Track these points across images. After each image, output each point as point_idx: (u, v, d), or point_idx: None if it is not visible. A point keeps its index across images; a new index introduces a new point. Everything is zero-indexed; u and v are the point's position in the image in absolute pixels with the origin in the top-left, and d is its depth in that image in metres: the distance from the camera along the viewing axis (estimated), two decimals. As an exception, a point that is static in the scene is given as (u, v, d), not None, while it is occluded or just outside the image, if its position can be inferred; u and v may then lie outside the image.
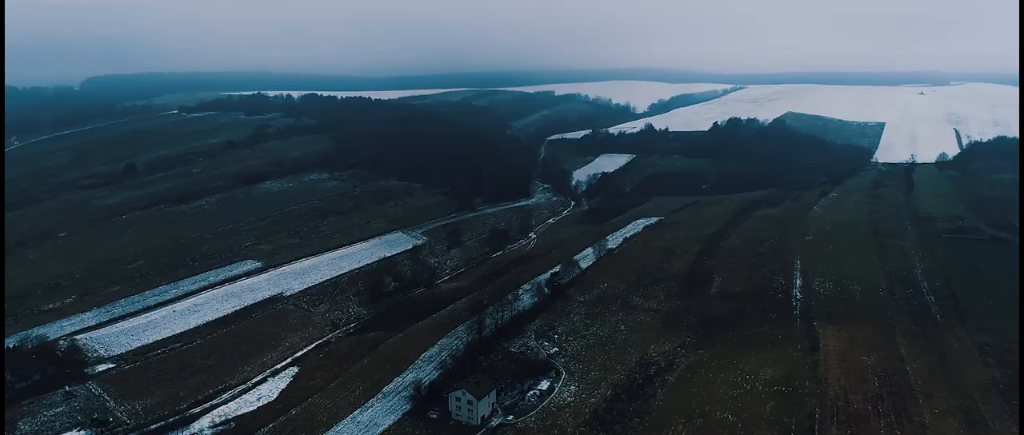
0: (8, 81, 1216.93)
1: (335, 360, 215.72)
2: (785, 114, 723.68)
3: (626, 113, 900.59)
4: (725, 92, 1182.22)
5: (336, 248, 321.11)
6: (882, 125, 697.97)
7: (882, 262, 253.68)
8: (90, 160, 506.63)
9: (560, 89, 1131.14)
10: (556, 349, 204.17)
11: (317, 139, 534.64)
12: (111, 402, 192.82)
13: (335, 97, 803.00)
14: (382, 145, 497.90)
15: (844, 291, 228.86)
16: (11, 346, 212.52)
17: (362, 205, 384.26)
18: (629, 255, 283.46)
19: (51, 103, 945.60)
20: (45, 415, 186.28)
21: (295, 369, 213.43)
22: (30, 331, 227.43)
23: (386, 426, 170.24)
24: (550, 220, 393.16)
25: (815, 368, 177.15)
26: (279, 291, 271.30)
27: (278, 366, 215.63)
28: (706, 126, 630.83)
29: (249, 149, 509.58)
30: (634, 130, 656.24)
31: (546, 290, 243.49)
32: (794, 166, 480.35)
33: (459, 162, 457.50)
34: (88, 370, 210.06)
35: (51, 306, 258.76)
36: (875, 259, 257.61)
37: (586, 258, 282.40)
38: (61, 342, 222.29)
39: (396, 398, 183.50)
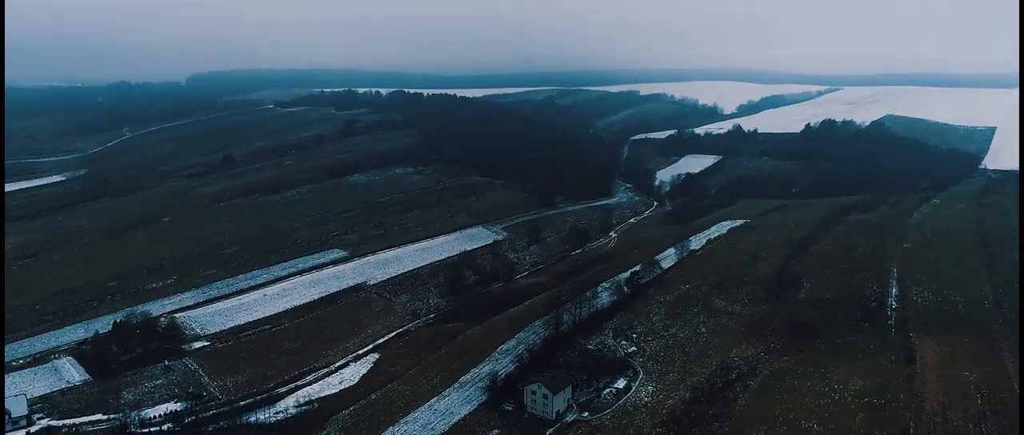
0: (122, 77, 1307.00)
1: (414, 349, 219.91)
2: (884, 117, 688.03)
3: (713, 114, 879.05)
4: (818, 94, 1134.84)
5: (418, 240, 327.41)
6: (992, 130, 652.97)
7: (989, 273, 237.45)
8: (192, 151, 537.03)
9: (645, 89, 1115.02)
10: (634, 348, 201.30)
11: (403, 134, 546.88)
12: (205, 377, 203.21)
13: (421, 94, 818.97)
14: (466, 141, 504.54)
15: (945, 302, 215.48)
16: (118, 320, 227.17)
17: (445, 199, 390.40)
18: (713, 257, 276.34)
19: (159, 97, 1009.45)
20: (146, 386, 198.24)
21: (376, 355, 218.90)
22: (135, 307, 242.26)
23: (462, 415, 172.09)
24: (631, 220, 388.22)
25: (911, 381, 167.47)
26: (363, 280, 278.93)
27: (360, 352, 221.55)
28: (798, 128, 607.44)
29: (338, 143, 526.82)
30: (721, 131, 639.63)
31: (626, 289, 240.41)
32: (893, 171, 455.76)
33: (541, 160, 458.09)
34: (185, 346, 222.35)
35: (154, 285, 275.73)
36: (981, 269, 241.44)
37: (667, 258, 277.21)
38: (162, 319, 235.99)
39: (472, 388, 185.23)
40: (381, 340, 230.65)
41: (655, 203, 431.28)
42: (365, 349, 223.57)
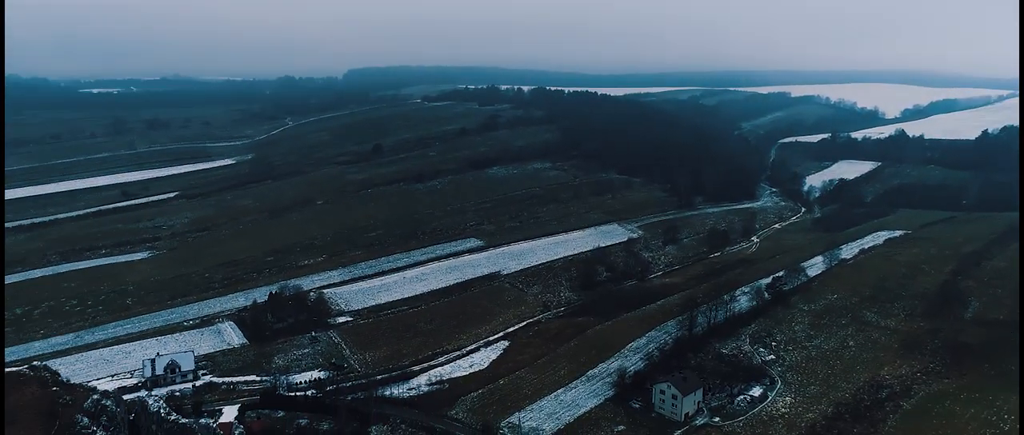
0: (287, 72, 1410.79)
1: (544, 339, 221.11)
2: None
3: (873, 118, 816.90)
4: (999, 99, 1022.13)
5: (553, 234, 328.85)
6: None
7: None
8: (345, 140, 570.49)
9: (797, 91, 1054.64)
10: (772, 356, 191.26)
11: (543, 130, 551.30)
12: (346, 350, 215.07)
13: (563, 91, 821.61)
14: (605, 139, 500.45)
15: None
16: (273, 292, 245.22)
17: (581, 195, 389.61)
18: (865, 267, 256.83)
19: (319, 91, 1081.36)
20: (294, 354, 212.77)
21: (506, 343, 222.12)
22: (288, 281, 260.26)
23: (588, 408, 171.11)
24: (775, 225, 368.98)
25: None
26: (497, 269, 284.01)
27: (491, 338, 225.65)
28: (972, 134, 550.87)
29: (480, 137, 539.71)
30: (881, 136, 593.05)
31: (766, 295, 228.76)
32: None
33: (681, 159, 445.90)
34: (331, 320, 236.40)
35: (306, 262, 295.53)
36: None
37: (814, 266, 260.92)
38: (311, 294, 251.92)
39: (600, 383, 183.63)
40: (511, 328, 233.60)
41: (802, 209, 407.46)
42: (495, 336, 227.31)
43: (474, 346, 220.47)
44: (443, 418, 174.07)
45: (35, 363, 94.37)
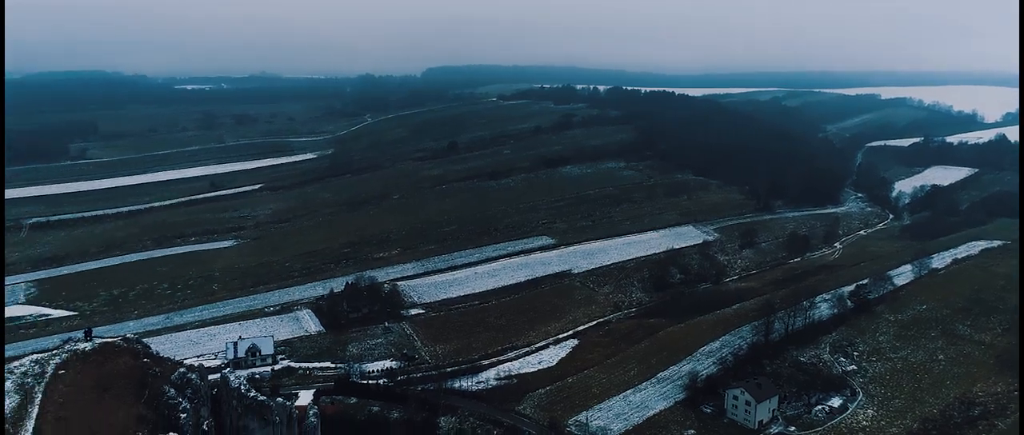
0: (368, 70, 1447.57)
1: (614, 339, 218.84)
2: None
3: (970, 122, 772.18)
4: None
5: (625, 234, 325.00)
6: None
7: None
8: (422, 137, 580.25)
9: (887, 92, 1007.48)
10: (854, 367, 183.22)
11: (618, 130, 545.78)
12: (418, 342, 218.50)
13: (639, 91, 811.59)
14: (681, 139, 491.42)
15: None
16: (350, 282, 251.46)
17: (655, 196, 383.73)
18: (959, 278, 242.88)
19: (397, 88, 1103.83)
20: (368, 343, 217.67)
21: (575, 342, 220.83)
22: (364, 273, 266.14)
23: (657, 410, 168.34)
24: (861, 231, 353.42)
25: None
26: (568, 268, 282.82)
27: (560, 336, 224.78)
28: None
29: (554, 135, 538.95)
30: (979, 141, 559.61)
31: (849, 303, 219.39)
32: None
33: (761, 161, 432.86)
34: (403, 312, 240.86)
35: (382, 255, 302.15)
36: None
37: (902, 275, 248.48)
38: (386, 285, 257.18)
39: (670, 385, 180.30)
40: (581, 327, 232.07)
41: (890, 216, 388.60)
42: (565, 334, 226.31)
43: (543, 343, 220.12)
44: (511, 413, 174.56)
45: (128, 335, 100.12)
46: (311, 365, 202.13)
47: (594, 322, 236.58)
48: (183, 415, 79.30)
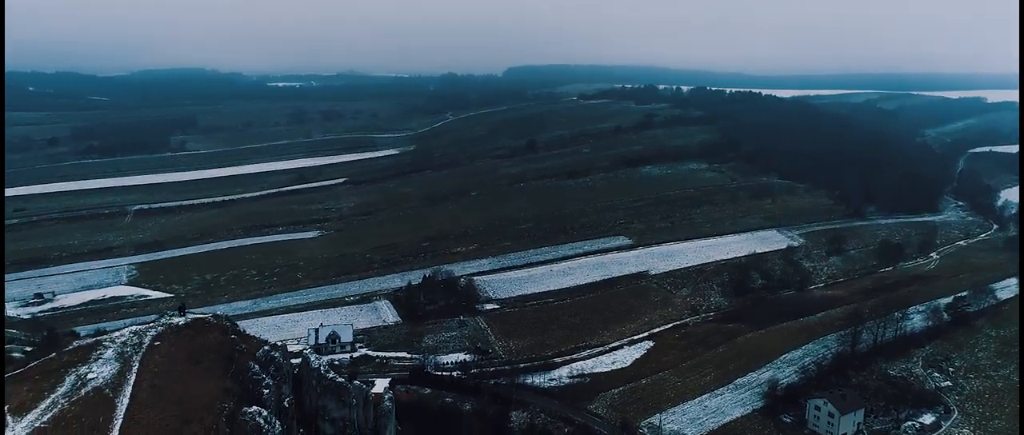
0: (450, 69, 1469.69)
1: (690, 343, 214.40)
2: None
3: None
4: None
5: (705, 237, 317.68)
6: None
7: None
8: (501, 135, 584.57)
9: (994, 96, 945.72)
10: (949, 383, 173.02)
11: (700, 130, 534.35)
12: (491, 336, 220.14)
13: (724, 91, 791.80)
14: (766, 141, 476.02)
15: None
16: (427, 275, 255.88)
17: (738, 198, 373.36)
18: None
19: (479, 87, 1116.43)
20: (443, 336, 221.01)
21: (650, 343, 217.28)
22: (441, 267, 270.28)
23: (733, 417, 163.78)
24: (960, 242, 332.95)
25: None
26: (645, 269, 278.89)
27: (635, 337, 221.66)
28: None
29: (634, 135, 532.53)
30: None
31: (945, 315, 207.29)
32: None
33: (852, 165, 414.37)
34: (478, 306, 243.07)
35: (459, 249, 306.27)
36: None
37: (1006, 289, 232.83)
38: (462, 280, 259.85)
39: (748, 392, 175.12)
40: (656, 329, 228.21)
41: (993, 226, 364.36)
42: (640, 335, 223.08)
43: (617, 343, 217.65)
44: (582, 411, 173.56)
45: (217, 312, 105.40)
46: (388, 354, 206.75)
47: (670, 325, 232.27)
48: (266, 391, 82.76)
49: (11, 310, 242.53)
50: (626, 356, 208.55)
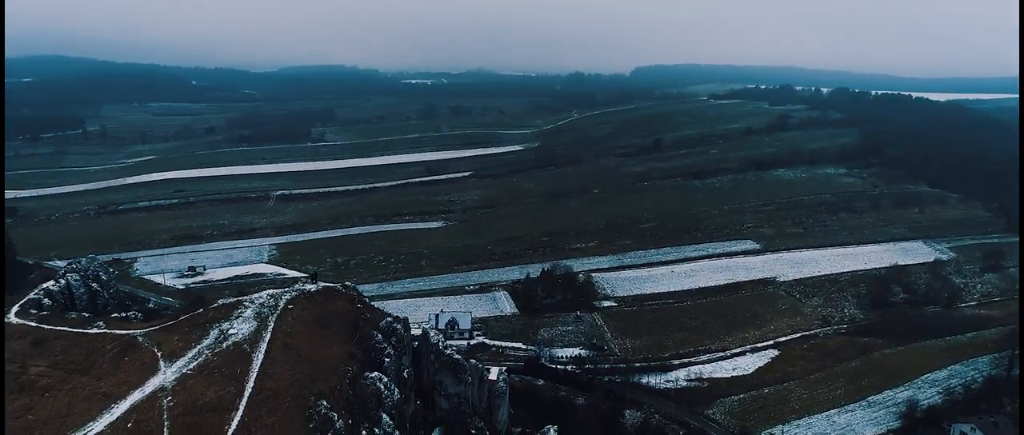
0: (578, 68, 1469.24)
1: (819, 355, 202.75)
2: None
3: None
4: None
5: (841, 246, 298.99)
6: None
7: None
8: (627, 134, 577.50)
9: None
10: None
11: (840, 133, 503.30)
12: (607, 334, 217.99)
13: (868, 93, 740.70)
14: (915, 146, 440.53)
15: None
16: (545, 269, 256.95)
17: (880, 206, 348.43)
18: None
19: (606, 86, 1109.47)
20: (559, 329, 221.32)
21: (775, 352, 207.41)
22: (560, 261, 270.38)
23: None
24: None
25: None
26: (772, 275, 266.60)
27: (758, 345, 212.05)
28: None
29: (767, 136, 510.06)
30: None
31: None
32: None
33: (1013, 176, 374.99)
34: (596, 303, 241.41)
35: (578, 246, 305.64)
36: None
37: None
38: (580, 275, 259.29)
39: (883, 411, 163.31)
40: (783, 338, 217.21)
41: None
42: (764, 343, 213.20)
43: (739, 350, 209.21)
44: (699, 415, 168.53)
45: (347, 283, 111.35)
46: (504, 344, 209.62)
47: (798, 334, 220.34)
48: (387, 359, 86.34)
49: (168, 280, 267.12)
50: (748, 363, 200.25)
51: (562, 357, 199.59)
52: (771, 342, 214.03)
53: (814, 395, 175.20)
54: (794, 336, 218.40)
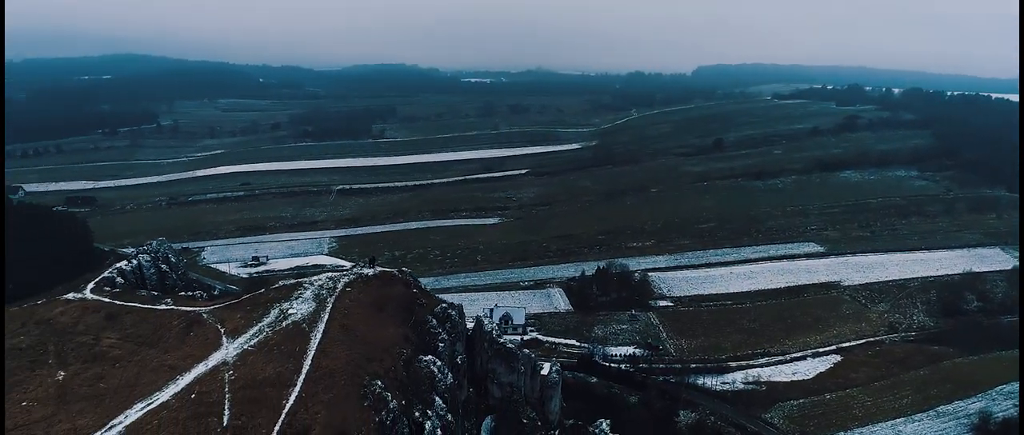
0: (638, 67, 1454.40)
1: (885, 362, 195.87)
2: None
3: None
4: None
5: (911, 250, 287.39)
6: None
7: None
8: (686, 133, 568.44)
9: None
10: None
11: (912, 135, 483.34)
12: (663, 333, 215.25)
13: (944, 94, 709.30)
14: (994, 149, 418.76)
15: None
16: (601, 266, 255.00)
17: (954, 211, 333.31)
18: None
19: (666, 86, 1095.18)
20: (613, 327, 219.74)
21: (837, 358, 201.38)
22: (615, 259, 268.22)
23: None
24: None
25: None
26: (837, 279, 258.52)
27: (820, 350, 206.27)
28: None
29: (834, 137, 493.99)
30: None
31: None
32: None
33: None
34: (651, 302, 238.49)
35: (635, 244, 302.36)
36: None
37: None
38: (636, 274, 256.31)
39: (953, 422, 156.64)
40: (846, 344, 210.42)
41: None
42: (826, 348, 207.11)
43: (800, 354, 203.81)
44: (756, 419, 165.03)
45: (403, 268, 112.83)
46: (557, 340, 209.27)
47: (862, 340, 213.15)
48: (441, 344, 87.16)
49: (233, 269, 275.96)
50: (809, 368, 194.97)
51: (616, 355, 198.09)
52: (833, 347, 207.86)
53: (879, 403, 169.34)
54: (858, 342, 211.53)
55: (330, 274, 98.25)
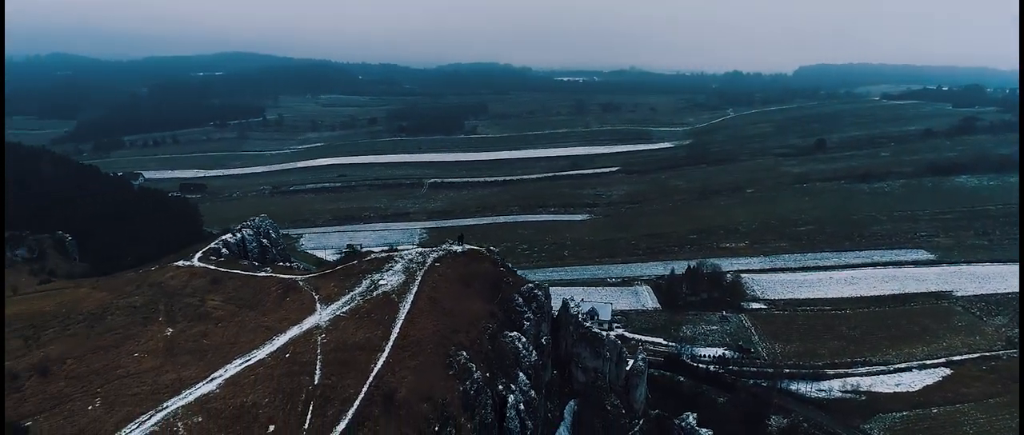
0: (736, 67, 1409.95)
1: (1001, 378, 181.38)
2: None
3: None
4: None
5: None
6: None
7: None
8: (787, 133, 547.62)
9: None
10: None
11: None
12: (755, 336, 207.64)
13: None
14: None
15: None
16: (691, 266, 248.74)
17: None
18: None
19: (766, 86, 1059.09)
20: (703, 328, 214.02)
21: (947, 371, 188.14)
22: (707, 259, 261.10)
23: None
24: None
25: None
26: (948, 289, 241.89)
27: (927, 361, 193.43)
28: None
29: (948, 140, 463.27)
30: None
31: None
32: None
33: None
34: (743, 304, 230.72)
35: (727, 245, 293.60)
36: None
37: None
38: (728, 275, 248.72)
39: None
40: (957, 357, 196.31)
41: None
42: (934, 360, 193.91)
43: (904, 365, 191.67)
44: (854, 429, 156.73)
45: (490, 247, 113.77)
46: (643, 338, 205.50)
47: (976, 355, 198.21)
48: (527, 322, 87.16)
49: (329, 256, 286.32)
50: (914, 380, 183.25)
51: (704, 356, 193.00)
52: (943, 359, 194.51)
53: (993, 421, 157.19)
54: (971, 356, 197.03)
55: (420, 249, 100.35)
